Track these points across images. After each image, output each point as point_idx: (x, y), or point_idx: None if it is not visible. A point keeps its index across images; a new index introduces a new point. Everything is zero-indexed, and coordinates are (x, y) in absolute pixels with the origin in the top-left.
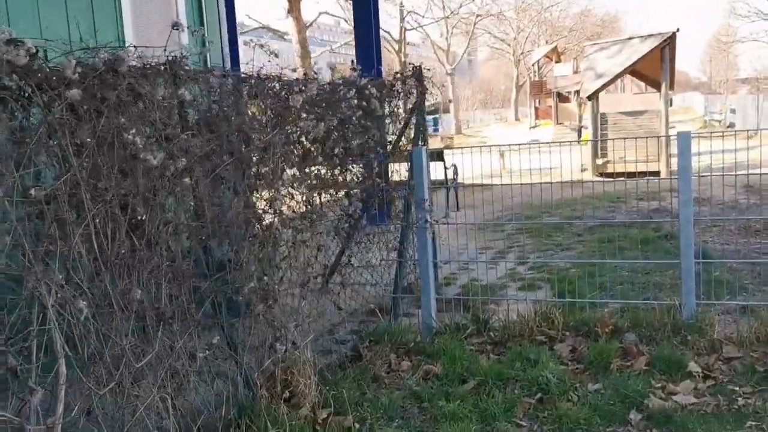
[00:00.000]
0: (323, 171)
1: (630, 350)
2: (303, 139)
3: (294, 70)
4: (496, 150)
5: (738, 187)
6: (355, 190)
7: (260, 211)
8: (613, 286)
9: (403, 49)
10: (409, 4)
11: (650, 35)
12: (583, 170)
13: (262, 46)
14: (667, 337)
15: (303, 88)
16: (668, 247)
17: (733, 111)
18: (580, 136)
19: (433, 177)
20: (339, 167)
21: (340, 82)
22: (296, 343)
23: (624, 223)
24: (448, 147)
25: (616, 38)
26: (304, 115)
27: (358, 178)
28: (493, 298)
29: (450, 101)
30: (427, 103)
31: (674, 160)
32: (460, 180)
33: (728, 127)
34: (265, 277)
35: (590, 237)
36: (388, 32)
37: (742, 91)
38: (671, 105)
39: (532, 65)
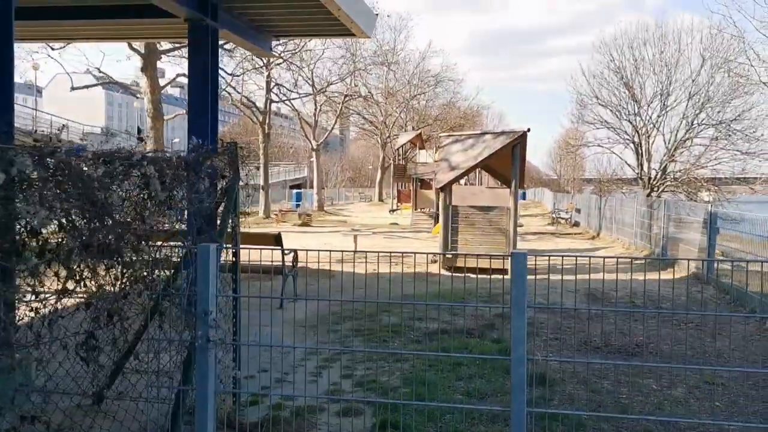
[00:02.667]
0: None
1: None
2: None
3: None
4: (350, 232)
5: (580, 294)
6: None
7: None
8: (441, 415)
9: (267, 121)
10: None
11: (503, 132)
12: (433, 262)
13: None
14: None
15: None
16: (508, 364)
17: (578, 210)
18: (437, 223)
19: (268, 262)
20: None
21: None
22: None
23: (468, 333)
24: (305, 224)
25: (471, 132)
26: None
27: (119, 281)
28: None
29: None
30: (291, 176)
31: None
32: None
33: (573, 225)
34: None
35: (429, 344)
36: (254, 102)
37: (587, 191)
38: (523, 199)
39: (397, 149)
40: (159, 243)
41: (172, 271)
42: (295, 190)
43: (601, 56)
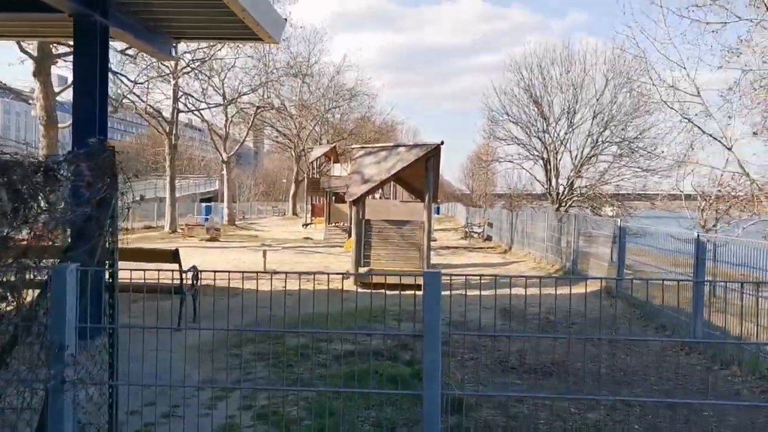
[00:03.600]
0: None
1: None
2: None
3: None
4: (259, 247)
5: (496, 311)
6: None
7: None
8: None
9: (174, 131)
10: (192, 85)
11: (416, 145)
12: (344, 278)
13: None
14: None
15: None
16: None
17: (490, 225)
18: (350, 237)
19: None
20: None
21: None
22: None
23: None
24: (213, 239)
25: (384, 144)
26: None
27: None
28: None
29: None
30: (202, 189)
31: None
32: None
33: (486, 239)
34: None
35: (337, 369)
36: (160, 112)
37: (498, 206)
38: (437, 213)
39: (311, 162)
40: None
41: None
42: (204, 204)
43: (511, 74)
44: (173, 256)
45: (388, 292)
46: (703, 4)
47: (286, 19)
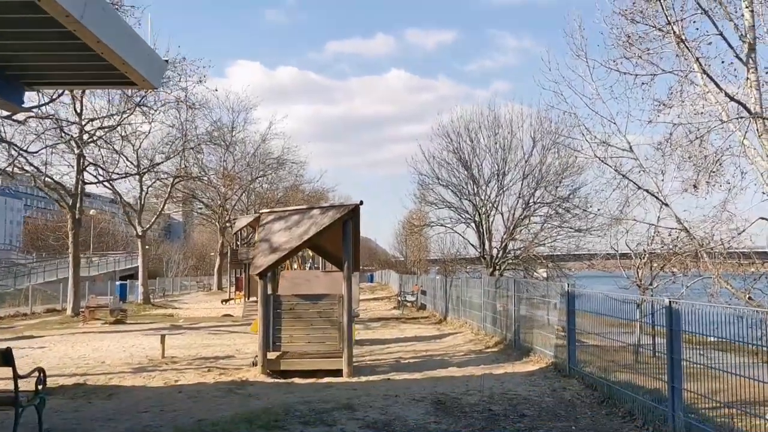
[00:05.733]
0: None
1: None
2: None
3: None
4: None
5: (428, 403)
6: None
7: None
8: None
9: (78, 204)
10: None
11: (332, 206)
12: (253, 364)
13: None
14: None
15: None
16: None
17: (423, 292)
18: None
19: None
20: None
21: None
22: None
23: None
24: (119, 321)
25: (296, 207)
26: None
27: None
28: None
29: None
30: (122, 266)
31: (361, 352)
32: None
33: (420, 309)
34: None
35: None
36: (60, 184)
37: (433, 271)
38: (371, 281)
39: (235, 233)
40: None
41: None
42: (118, 282)
43: (440, 139)
44: (4, 358)
45: (302, 381)
46: (631, 57)
47: (167, 61)
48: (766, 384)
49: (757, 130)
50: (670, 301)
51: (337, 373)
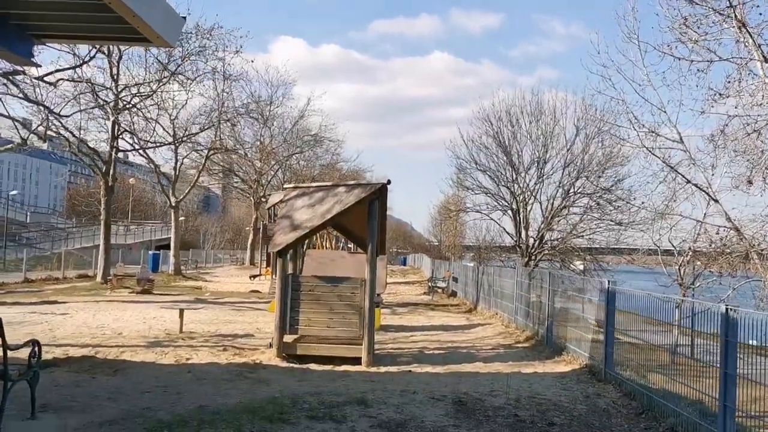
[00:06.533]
0: None
1: None
2: None
3: None
4: (190, 303)
5: (449, 403)
6: None
7: None
8: None
9: (112, 171)
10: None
11: (359, 184)
12: (270, 346)
13: None
14: None
15: None
16: None
17: (455, 279)
18: None
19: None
20: None
21: None
22: None
23: None
24: (146, 291)
25: (321, 183)
26: None
27: None
28: None
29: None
30: (158, 236)
31: (384, 339)
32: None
33: (450, 296)
34: None
35: None
36: (94, 149)
37: (467, 258)
38: (404, 265)
39: (269, 209)
40: None
41: None
42: (151, 252)
43: (480, 122)
44: None
45: (317, 368)
46: (687, 41)
47: (184, 18)
48: None
49: None
50: (727, 308)
51: (356, 361)
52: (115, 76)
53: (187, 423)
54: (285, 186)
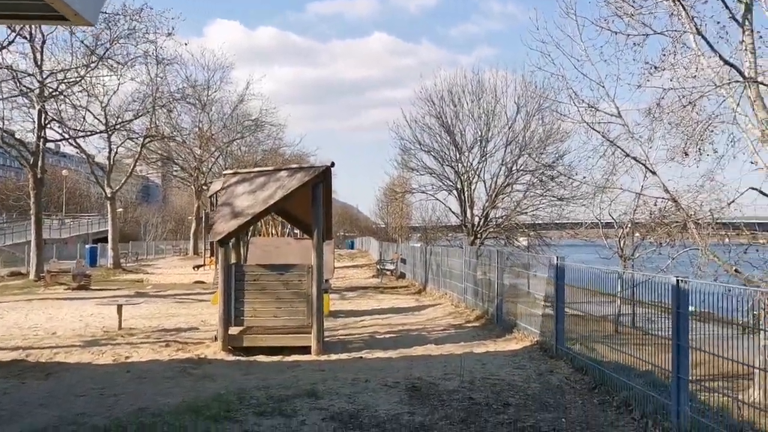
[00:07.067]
0: None
1: None
2: None
3: None
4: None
5: (402, 389)
6: None
7: None
8: None
9: (40, 163)
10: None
11: (300, 168)
12: (215, 339)
13: None
14: None
15: None
16: None
17: (403, 261)
18: None
19: None
20: None
21: None
22: None
23: None
24: (83, 287)
25: (262, 168)
26: None
27: None
28: None
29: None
30: (95, 229)
31: (335, 325)
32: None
33: (399, 278)
34: None
35: None
36: (19, 140)
37: (414, 239)
38: (351, 248)
39: (210, 197)
40: None
41: None
42: (88, 246)
43: (422, 103)
44: None
45: (266, 359)
46: (623, 15)
47: None
48: None
49: (750, 96)
50: (677, 280)
51: (306, 350)
52: (39, 62)
53: (125, 428)
54: (224, 172)
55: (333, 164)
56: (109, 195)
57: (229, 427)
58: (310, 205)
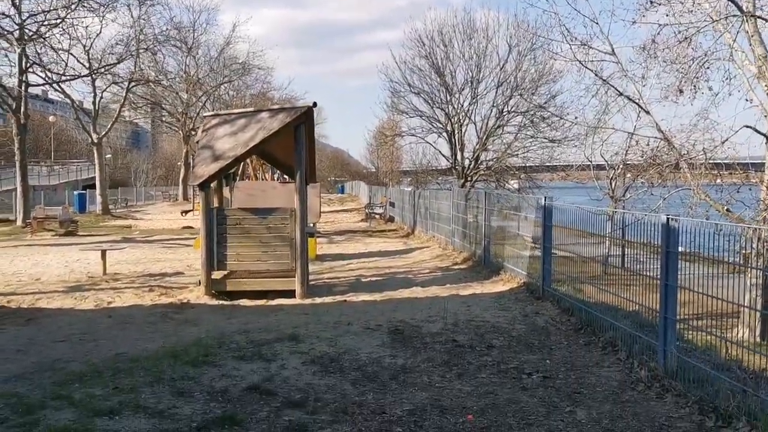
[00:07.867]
0: None
1: None
2: None
3: None
4: (113, 244)
5: (385, 332)
6: None
7: None
8: None
9: (23, 108)
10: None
11: (282, 109)
12: (198, 284)
13: None
14: None
15: None
16: None
17: (392, 204)
18: None
19: None
20: None
21: None
22: None
23: None
24: (70, 233)
25: (243, 110)
26: None
27: None
28: None
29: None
30: (85, 175)
31: (321, 268)
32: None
33: (388, 221)
34: None
35: None
36: (1, 85)
37: (405, 183)
38: (342, 193)
39: (197, 142)
40: None
41: None
42: (77, 192)
43: (412, 44)
44: None
45: (249, 303)
46: None
47: None
48: None
49: (748, 30)
50: (667, 218)
51: (290, 294)
52: (18, 3)
53: (102, 373)
54: (204, 114)
55: (315, 104)
56: (95, 141)
57: (207, 371)
58: (293, 147)
